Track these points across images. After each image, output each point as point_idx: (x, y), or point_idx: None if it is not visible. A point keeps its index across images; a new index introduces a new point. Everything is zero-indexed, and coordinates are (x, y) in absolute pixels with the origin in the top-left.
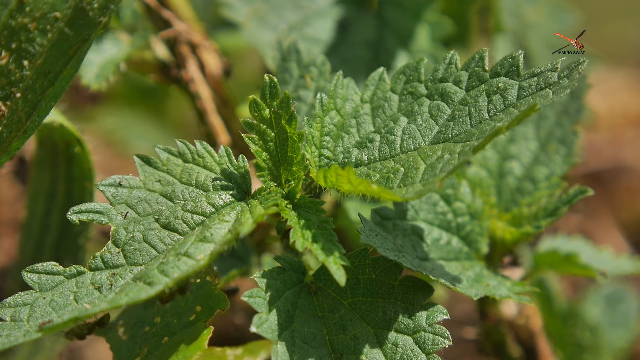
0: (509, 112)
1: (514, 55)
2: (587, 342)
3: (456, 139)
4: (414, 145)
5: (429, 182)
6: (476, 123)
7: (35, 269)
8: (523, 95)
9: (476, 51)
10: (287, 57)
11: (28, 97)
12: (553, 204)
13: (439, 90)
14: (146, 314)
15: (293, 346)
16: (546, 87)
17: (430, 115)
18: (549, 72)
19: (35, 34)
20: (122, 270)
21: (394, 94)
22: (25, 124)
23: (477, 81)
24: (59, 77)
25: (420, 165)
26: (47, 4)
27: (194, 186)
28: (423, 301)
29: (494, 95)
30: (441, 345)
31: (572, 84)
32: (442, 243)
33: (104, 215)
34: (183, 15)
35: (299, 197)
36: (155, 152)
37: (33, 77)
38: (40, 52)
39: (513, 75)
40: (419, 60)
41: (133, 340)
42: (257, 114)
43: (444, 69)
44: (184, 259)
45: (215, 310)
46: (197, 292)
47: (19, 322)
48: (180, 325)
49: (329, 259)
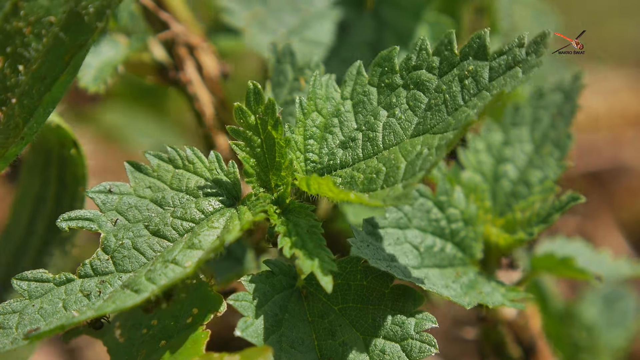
0: (482, 97)
1: (480, 34)
2: (584, 342)
3: (434, 129)
4: (395, 139)
5: (408, 185)
6: (452, 111)
7: (25, 276)
8: (494, 77)
9: (444, 34)
10: (281, 60)
11: (24, 102)
12: (546, 210)
13: (413, 79)
14: (143, 316)
15: (280, 350)
16: (515, 65)
17: (409, 107)
18: (517, 49)
19: (30, 39)
20: (111, 277)
21: (373, 87)
22: (22, 129)
23: (448, 66)
24: (56, 82)
25: (401, 163)
26: (42, 8)
27: (184, 192)
28: (413, 309)
29: (466, 80)
30: (428, 353)
31: (538, 59)
32: (435, 250)
33: (93, 222)
34: (180, 17)
35: (288, 202)
36: (145, 158)
37: (29, 82)
38: (35, 57)
39: (482, 56)
40: (392, 49)
41: (130, 342)
42: (243, 121)
43: (416, 56)
44: (171, 266)
45: (212, 312)
46: (193, 294)
47: (8, 330)
48: (177, 328)
49: (315, 265)
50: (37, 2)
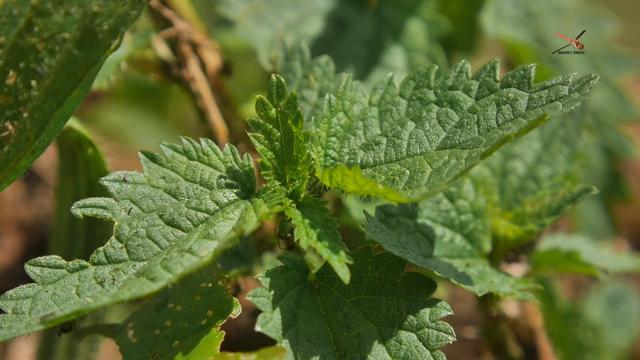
0: (517, 122)
1: (525, 67)
2: (588, 342)
3: (463, 145)
4: (420, 149)
5: (435, 185)
6: (484, 131)
7: (37, 262)
8: (533, 106)
9: (488, 61)
10: (290, 57)
11: (36, 117)
12: (557, 202)
13: (448, 97)
14: (157, 316)
15: (297, 345)
16: (556, 100)
17: (438, 122)
18: (560, 86)
19: (43, 54)
20: (125, 265)
21: (403, 99)
22: (33, 143)
23: (487, 90)
24: (68, 98)
25: (427, 169)
26: (57, 24)
27: (199, 183)
28: (426, 297)
29: (504, 105)
30: (445, 342)
31: (582, 97)
32: (445, 240)
33: (107, 210)
34: (184, 14)
35: (303, 197)
36: (159, 149)
37: (41, 97)
38: (48, 73)
39: (524, 87)
40: (430, 67)
41: (143, 343)
42: (264, 113)
43: (454, 77)
44: (187, 255)
45: (227, 315)
46: (208, 297)
47: (21, 315)
48: (191, 329)
49: (333, 258)
50: (52, 19)
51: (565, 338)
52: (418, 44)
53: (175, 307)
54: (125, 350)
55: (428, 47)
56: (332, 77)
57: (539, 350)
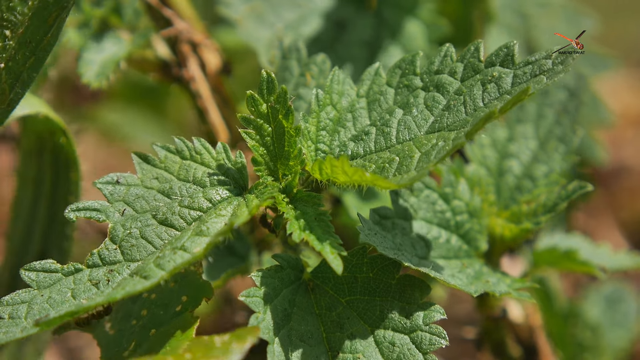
0: (503, 99)
1: (508, 44)
2: (587, 342)
3: (451, 127)
4: (409, 135)
5: (423, 168)
6: (471, 111)
7: (33, 267)
8: (518, 83)
9: (472, 43)
10: (287, 55)
11: (10, 66)
12: (552, 200)
13: (434, 81)
14: (133, 307)
15: (289, 344)
16: (540, 74)
17: (426, 106)
18: (543, 60)
19: (16, 3)
20: (120, 266)
21: (390, 88)
22: (9, 96)
23: (472, 71)
24: (39, 46)
25: (415, 153)
26: None
27: (192, 182)
28: (420, 300)
29: (489, 84)
30: (438, 345)
31: (566, 68)
32: (441, 241)
33: (101, 212)
34: (184, 14)
35: (295, 191)
36: (153, 149)
37: (16, 47)
38: (21, 21)
39: (508, 64)
40: (415, 54)
41: (120, 334)
42: (254, 109)
43: (439, 61)
44: (180, 252)
45: (201, 299)
46: (181, 282)
47: (17, 320)
48: (167, 316)
49: (325, 249)
50: None
51: (564, 338)
52: (418, 45)
53: (150, 295)
54: (103, 343)
55: (428, 49)
56: (328, 75)
57: (538, 350)
